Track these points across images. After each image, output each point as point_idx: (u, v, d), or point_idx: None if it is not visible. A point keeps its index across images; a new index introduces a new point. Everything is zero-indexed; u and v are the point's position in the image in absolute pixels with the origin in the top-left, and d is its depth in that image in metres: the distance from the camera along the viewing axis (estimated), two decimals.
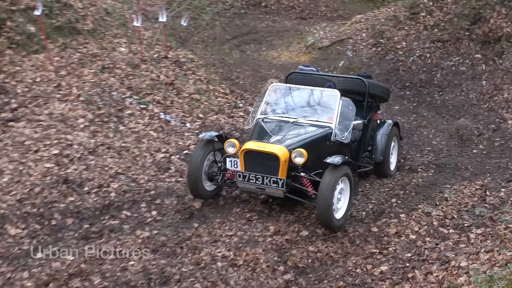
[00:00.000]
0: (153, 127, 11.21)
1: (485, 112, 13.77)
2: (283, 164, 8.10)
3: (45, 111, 9.91)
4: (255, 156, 8.27)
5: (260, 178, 8.16)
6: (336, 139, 9.02)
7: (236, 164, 8.36)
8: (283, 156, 8.08)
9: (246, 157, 8.29)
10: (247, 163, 8.30)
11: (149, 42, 14.61)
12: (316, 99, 9.68)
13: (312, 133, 8.89)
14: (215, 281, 6.81)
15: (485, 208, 8.81)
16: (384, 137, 10.56)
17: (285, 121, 9.20)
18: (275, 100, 9.77)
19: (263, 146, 8.28)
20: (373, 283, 7.06)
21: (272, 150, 8.16)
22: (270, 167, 8.16)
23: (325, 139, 8.92)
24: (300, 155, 8.09)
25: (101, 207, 8.48)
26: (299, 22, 25.91)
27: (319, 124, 9.12)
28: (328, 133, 8.95)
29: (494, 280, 5.18)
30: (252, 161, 8.28)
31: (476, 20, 16.31)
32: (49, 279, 6.54)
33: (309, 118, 9.25)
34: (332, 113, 9.22)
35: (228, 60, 20.93)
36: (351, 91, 10.50)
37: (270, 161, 8.16)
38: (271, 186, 8.14)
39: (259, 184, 8.21)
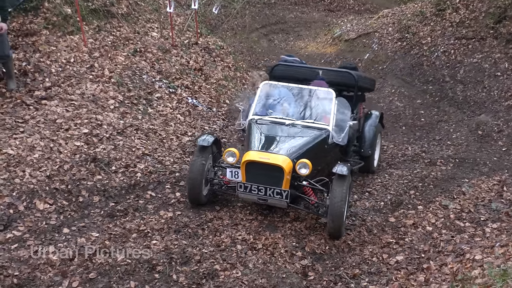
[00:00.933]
0: (180, 111, 11.38)
1: (505, 109, 13.82)
2: (287, 175, 7.71)
3: (77, 91, 10.10)
4: (258, 167, 7.82)
5: (263, 189, 7.69)
6: (333, 142, 8.72)
7: (237, 175, 7.96)
8: (287, 167, 7.68)
9: (248, 168, 7.85)
10: (248, 174, 7.85)
11: (181, 28, 14.76)
12: (310, 98, 9.27)
13: (311, 137, 8.45)
14: (234, 263, 6.86)
15: (501, 203, 8.84)
16: (372, 129, 10.41)
17: (280, 122, 8.76)
18: (267, 99, 9.30)
19: (267, 157, 7.80)
20: (388, 272, 7.09)
21: (276, 162, 7.71)
22: (273, 178, 7.76)
23: (323, 143, 8.56)
24: (305, 166, 7.70)
25: (127, 186, 8.62)
26: (327, 14, 25.89)
27: (316, 126, 8.71)
28: (326, 136, 8.59)
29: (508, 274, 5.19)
30: (255, 172, 7.84)
31: (501, 19, 16.32)
32: (74, 254, 6.65)
33: (305, 120, 8.84)
34: (328, 113, 8.91)
35: (256, 49, 21.02)
36: (339, 84, 10.18)
37: (273, 172, 7.75)
38: (274, 197, 7.70)
39: (262, 195, 7.73)
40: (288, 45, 22.49)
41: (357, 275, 7.04)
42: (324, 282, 6.88)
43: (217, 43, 15.38)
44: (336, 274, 7.04)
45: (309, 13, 26.16)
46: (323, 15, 25.99)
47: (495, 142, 12.29)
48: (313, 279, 6.93)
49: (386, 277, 6.95)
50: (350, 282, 6.90)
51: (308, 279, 6.92)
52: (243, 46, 21.12)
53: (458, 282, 5.96)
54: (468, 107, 14.76)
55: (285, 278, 6.74)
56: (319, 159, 8.34)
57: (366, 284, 6.83)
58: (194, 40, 14.56)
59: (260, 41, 22.45)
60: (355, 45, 20.36)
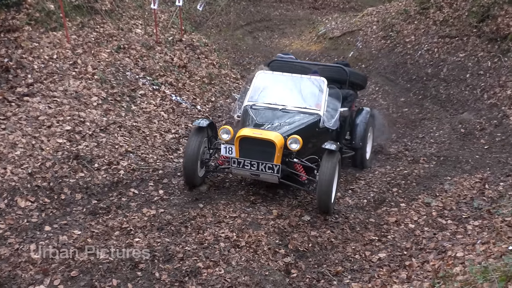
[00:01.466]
0: (164, 108, 11.37)
1: (488, 107, 13.87)
2: (279, 151, 8.12)
3: (60, 88, 10.04)
4: (251, 143, 8.24)
5: (255, 164, 8.15)
6: (324, 126, 9.10)
7: (231, 151, 8.33)
8: (279, 142, 8.10)
9: (242, 144, 8.27)
10: (242, 150, 8.28)
11: (165, 25, 14.75)
12: (303, 86, 9.59)
13: (302, 120, 8.91)
14: (217, 261, 6.84)
15: (483, 201, 8.88)
16: (363, 124, 10.69)
17: (274, 108, 9.15)
18: (262, 87, 9.62)
19: (259, 133, 8.25)
20: (371, 269, 7.14)
21: (268, 136, 8.15)
22: (265, 153, 8.17)
23: (314, 126, 8.97)
24: (295, 141, 8.15)
25: (109, 184, 8.59)
26: (311, 11, 25.98)
27: (307, 111, 9.13)
28: (317, 120, 9.01)
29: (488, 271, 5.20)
30: (248, 148, 8.26)
31: (484, 18, 16.45)
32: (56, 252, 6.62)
33: (297, 105, 9.24)
34: (320, 100, 9.28)
35: (241, 46, 21.04)
36: (332, 79, 10.39)
37: (265, 147, 8.16)
38: (266, 172, 8.16)
39: (254, 170, 8.21)
40: (272, 43, 22.52)
41: (340, 272, 7.06)
42: (307, 280, 6.88)
43: (202, 40, 15.38)
44: (319, 272, 7.05)
45: (294, 11, 26.21)
46: (308, 12, 26.06)
47: (477, 140, 12.35)
48: (296, 276, 6.92)
49: (368, 274, 6.98)
50: (333, 279, 6.91)
51: (291, 276, 6.91)
52: (227, 43, 21.14)
53: (439, 279, 5.99)
54: (451, 105, 14.84)
55: (268, 275, 6.73)
56: (310, 140, 8.72)
57: (348, 281, 6.86)
58: (179, 37, 14.54)
59: (244, 38, 22.45)
60: (340, 43, 20.44)
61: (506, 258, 5.27)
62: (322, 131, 9.12)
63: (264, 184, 9.13)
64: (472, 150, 11.83)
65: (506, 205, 8.22)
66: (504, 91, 13.94)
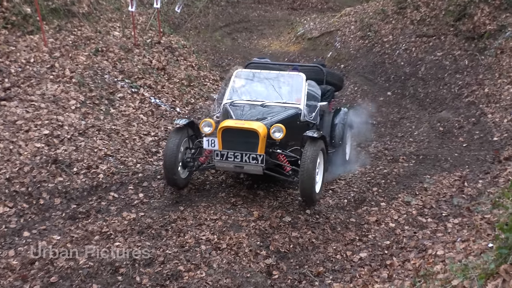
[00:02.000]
0: (143, 111, 11.33)
1: (466, 105, 13.97)
2: (262, 140, 8.10)
3: (37, 92, 9.97)
4: (234, 134, 8.18)
5: (239, 155, 8.07)
6: (305, 119, 9.09)
7: (214, 143, 8.22)
8: (262, 132, 8.07)
9: (224, 135, 8.18)
10: (225, 141, 8.19)
11: (143, 27, 14.72)
12: (282, 82, 9.60)
13: (284, 112, 8.89)
14: (198, 264, 6.83)
15: (462, 198, 8.99)
16: (341, 124, 10.67)
17: (254, 104, 9.12)
18: (240, 85, 9.64)
19: (242, 123, 8.22)
20: (352, 269, 7.15)
21: (251, 126, 8.12)
22: (249, 144, 8.14)
23: (295, 118, 8.95)
24: (279, 130, 8.12)
25: (89, 188, 8.54)
26: (290, 12, 26.03)
27: (287, 105, 9.12)
28: (298, 113, 9.00)
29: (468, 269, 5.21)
30: (231, 139, 8.19)
31: (461, 17, 16.59)
32: (35, 258, 6.58)
33: (277, 101, 9.23)
34: (299, 95, 9.27)
35: (219, 47, 21.02)
36: (309, 79, 10.34)
37: (249, 138, 8.14)
38: (250, 163, 8.08)
39: (238, 161, 8.11)
40: (251, 44, 22.53)
41: (321, 273, 7.08)
42: (289, 281, 6.88)
43: (180, 42, 15.34)
44: (300, 273, 7.05)
45: (273, 12, 26.25)
46: (286, 13, 26.10)
47: (456, 138, 12.42)
48: (278, 278, 6.92)
49: (350, 274, 7.00)
50: (315, 280, 6.92)
51: (273, 278, 6.91)
52: (206, 45, 21.10)
53: (420, 277, 6.01)
54: (430, 104, 14.91)
55: (250, 277, 6.73)
56: (292, 131, 8.58)
57: (330, 282, 6.87)
58: (157, 39, 14.50)
59: (223, 39, 22.43)
60: (318, 44, 20.50)
61: (486, 255, 5.28)
62: (303, 124, 9.09)
63: (244, 186, 9.14)
64: (451, 148, 11.89)
65: (485, 202, 8.30)
66: (481, 89, 14.04)
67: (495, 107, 12.91)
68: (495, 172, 9.80)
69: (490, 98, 13.43)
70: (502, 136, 11.56)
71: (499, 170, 9.86)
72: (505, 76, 13.73)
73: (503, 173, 9.54)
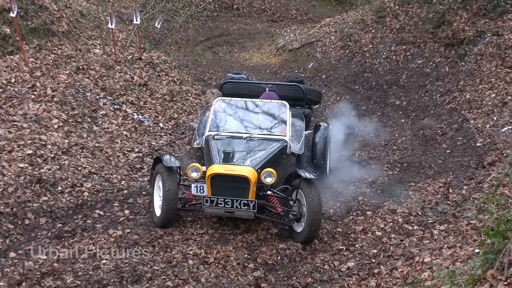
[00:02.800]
0: (126, 127, 11.30)
1: (448, 112, 14.02)
2: (253, 185, 7.77)
3: (19, 112, 9.94)
4: (223, 180, 7.82)
5: (229, 201, 7.67)
6: (291, 151, 8.83)
7: (203, 189, 7.95)
8: (253, 177, 7.74)
9: (213, 182, 7.82)
10: (214, 188, 7.82)
11: (123, 44, 14.70)
12: (265, 111, 9.37)
13: (270, 148, 8.53)
14: (186, 279, 6.81)
15: (448, 205, 9.05)
16: (322, 140, 10.40)
17: (238, 137, 8.81)
18: (222, 115, 9.32)
19: (231, 169, 7.84)
20: (340, 279, 7.13)
21: (241, 173, 7.77)
22: (239, 189, 7.79)
23: (282, 153, 8.63)
24: (270, 175, 7.80)
25: (74, 206, 8.49)
26: (270, 24, 26.09)
27: (273, 137, 8.84)
28: (284, 146, 8.67)
29: (455, 275, 5.23)
30: (220, 185, 7.83)
31: (440, 24, 16.71)
32: (22, 278, 6.52)
33: (262, 132, 8.98)
34: (284, 125, 9.05)
35: (201, 61, 21.05)
36: (288, 98, 10.36)
37: (239, 183, 7.79)
38: (242, 208, 7.69)
39: (229, 208, 7.70)
40: (233, 57, 22.56)
41: (310, 283, 7.04)
42: None
43: (161, 58, 15.34)
44: (289, 284, 7.03)
45: (253, 24, 26.29)
46: (267, 26, 26.16)
47: (439, 145, 12.48)
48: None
49: (338, 284, 6.99)
50: None
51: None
52: (187, 60, 21.12)
53: (408, 285, 6.03)
54: (412, 112, 14.98)
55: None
56: (280, 168, 8.39)
57: None
58: (138, 56, 14.50)
59: (204, 54, 22.46)
60: (299, 55, 20.57)
61: (472, 261, 5.31)
62: (289, 157, 8.90)
63: None
64: (435, 155, 11.95)
65: (470, 208, 8.35)
66: (463, 95, 14.13)
67: (477, 113, 12.99)
68: (479, 178, 9.86)
69: (472, 104, 13.51)
70: (485, 141, 11.62)
71: (483, 175, 9.93)
72: (485, 81, 13.83)
73: (487, 178, 9.60)
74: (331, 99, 16.65)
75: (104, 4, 17.05)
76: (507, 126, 11.59)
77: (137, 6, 20.44)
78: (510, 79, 13.41)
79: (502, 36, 14.62)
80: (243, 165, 7.99)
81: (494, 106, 12.77)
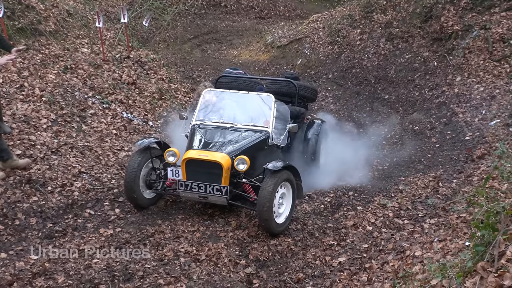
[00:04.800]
0: (115, 126, 11.28)
1: (437, 106, 14.10)
2: (226, 172, 7.93)
3: (7, 112, 9.83)
4: (197, 165, 8.04)
5: (203, 186, 7.92)
6: (273, 143, 8.95)
7: (178, 173, 8.13)
8: (226, 163, 7.91)
9: (188, 166, 8.06)
10: (189, 172, 8.07)
11: (111, 43, 14.68)
12: (250, 103, 9.43)
13: (250, 138, 8.72)
14: (178, 276, 6.81)
15: (438, 198, 9.08)
16: (314, 137, 10.54)
17: (222, 126, 8.96)
18: (209, 105, 9.49)
19: (205, 155, 8.06)
20: (332, 274, 7.13)
21: (214, 158, 7.95)
22: (213, 175, 7.96)
23: (263, 144, 8.76)
24: (243, 162, 7.99)
25: (64, 206, 8.46)
26: (258, 21, 26.10)
27: (255, 128, 8.97)
28: (266, 137, 8.81)
29: (446, 268, 5.22)
30: (194, 170, 8.06)
31: (427, 18, 16.78)
32: (13, 279, 6.49)
33: (245, 123, 9.05)
34: (268, 117, 9.12)
35: (189, 59, 21.03)
36: (281, 93, 10.58)
37: (212, 169, 7.96)
38: (214, 194, 7.92)
39: (202, 192, 7.94)
40: (221, 54, 22.55)
41: (301, 279, 7.05)
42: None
43: (150, 56, 15.32)
44: (280, 280, 7.03)
45: (241, 22, 26.30)
46: (255, 22, 26.18)
47: (429, 139, 12.53)
48: (258, 286, 6.89)
49: (330, 279, 6.98)
50: (295, 286, 6.90)
51: (253, 287, 6.89)
52: (176, 58, 21.10)
53: (400, 279, 6.03)
54: (401, 106, 15.05)
55: (230, 287, 6.72)
56: (258, 158, 8.50)
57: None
58: (126, 54, 14.47)
59: (193, 51, 22.45)
60: (288, 51, 20.59)
61: (463, 254, 5.32)
62: (271, 149, 8.98)
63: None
64: (424, 149, 11.99)
65: (460, 201, 8.36)
66: (451, 89, 14.19)
67: (466, 107, 13.05)
68: (469, 171, 9.90)
69: (461, 98, 13.57)
70: (474, 135, 11.67)
71: (473, 168, 9.96)
72: (474, 75, 13.89)
73: (476, 172, 9.63)
74: (320, 95, 16.66)
75: (91, 3, 16.98)
76: (496, 119, 11.64)
77: (124, 4, 20.42)
78: (498, 72, 13.48)
79: (489, 30, 14.69)
80: (217, 152, 8.19)
81: (482, 99, 12.82)
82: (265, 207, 7.67)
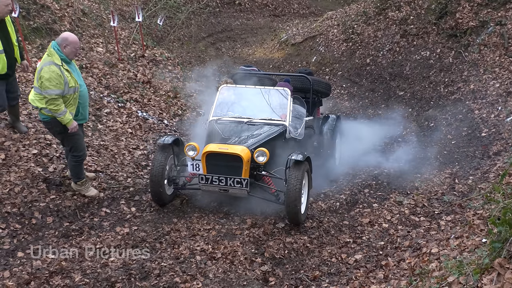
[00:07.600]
0: (131, 125, 11.30)
1: (452, 103, 14.01)
2: (246, 164, 8.04)
3: (23, 112, 9.88)
4: (217, 158, 8.13)
5: (224, 179, 8.03)
6: (290, 136, 9.05)
7: (198, 167, 8.23)
8: (246, 156, 8.03)
9: (208, 160, 8.16)
10: (209, 166, 8.18)
11: (126, 42, 14.70)
12: (267, 97, 9.53)
13: (268, 132, 8.84)
14: (194, 275, 6.82)
15: (454, 195, 9.04)
16: (330, 131, 10.70)
17: (239, 121, 9.11)
18: (226, 101, 9.60)
19: (225, 148, 8.15)
20: (348, 272, 7.13)
21: (234, 151, 8.06)
22: (233, 168, 8.08)
23: (281, 137, 8.89)
24: (262, 154, 8.07)
25: (80, 205, 8.48)
26: (272, 19, 26.08)
27: (273, 122, 9.07)
28: (283, 131, 8.95)
29: (463, 265, 5.21)
30: (214, 163, 8.16)
31: (442, 15, 16.66)
32: (30, 278, 6.51)
33: (263, 117, 9.19)
34: (285, 111, 9.23)
35: (204, 58, 21.04)
36: (295, 88, 10.66)
37: (233, 162, 8.06)
38: (235, 186, 8.03)
39: (223, 185, 8.07)
40: (236, 52, 22.56)
41: (318, 276, 7.05)
42: (285, 287, 6.86)
43: (164, 55, 15.35)
44: (296, 278, 7.03)
45: (255, 19, 26.30)
46: (269, 20, 26.16)
47: (445, 136, 12.45)
48: (274, 284, 6.90)
49: (346, 276, 6.97)
50: (311, 284, 6.90)
51: (269, 284, 6.90)
52: (190, 56, 21.13)
53: (416, 276, 6.01)
54: (416, 103, 14.98)
55: (246, 285, 6.73)
56: (277, 151, 8.59)
57: (326, 285, 6.84)
58: (141, 53, 14.51)
59: (207, 50, 22.47)
60: (302, 49, 20.56)
61: (480, 250, 5.29)
62: (288, 142, 9.05)
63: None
64: (440, 146, 11.93)
65: (476, 198, 8.32)
66: (467, 85, 14.10)
67: (482, 103, 12.96)
68: (485, 168, 9.85)
69: (476, 94, 13.48)
70: (490, 131, 11.60)
71: (489, 165, 9.92)
72: (489, 71, 13.79)
73: (493, 168, 9.58)
74: (335, 92, 16.65)
75: (106, 2, 17.00)
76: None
77: (138, 3, 20.43)
78: None
79: (505, 26, 14.58)
80: (237, 145, 8.30)
81: (498, 96, 12.73)
82: (294, 197, 7.82)
